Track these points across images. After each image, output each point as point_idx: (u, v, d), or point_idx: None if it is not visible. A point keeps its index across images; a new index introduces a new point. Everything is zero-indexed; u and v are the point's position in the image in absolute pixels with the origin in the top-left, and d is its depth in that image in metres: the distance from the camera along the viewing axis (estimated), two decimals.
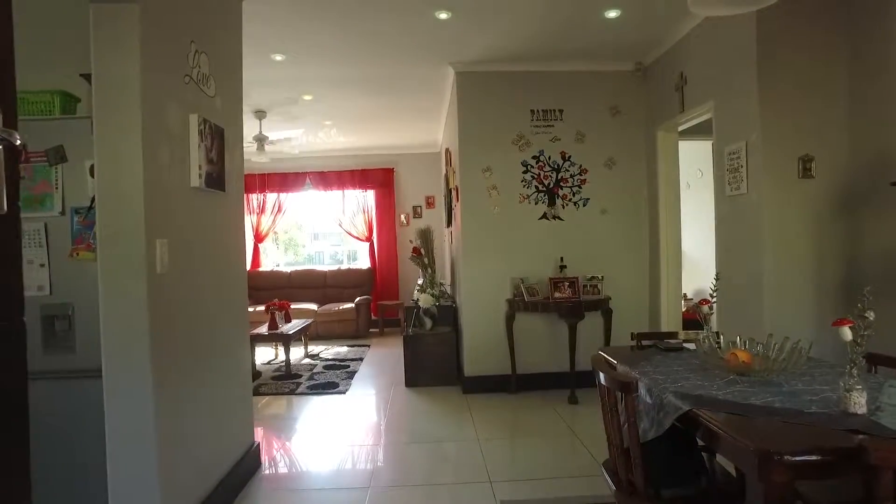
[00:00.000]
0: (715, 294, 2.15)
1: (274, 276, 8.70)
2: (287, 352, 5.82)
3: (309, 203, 9.28)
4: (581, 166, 4.96)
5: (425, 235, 5.97)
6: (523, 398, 4.73)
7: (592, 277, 4.77)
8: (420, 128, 7.34)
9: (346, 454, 3.66)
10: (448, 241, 7.04)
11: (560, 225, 4.94)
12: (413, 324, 5.45)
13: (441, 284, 6.62)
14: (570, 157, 4.96)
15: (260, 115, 6.04)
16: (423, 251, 5.93)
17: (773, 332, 3.30)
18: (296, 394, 5.09)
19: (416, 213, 9.00)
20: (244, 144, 6.62)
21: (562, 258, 4.84)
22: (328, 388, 5.23)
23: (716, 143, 3.73)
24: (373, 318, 8.53)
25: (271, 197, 8.92)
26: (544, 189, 4.94)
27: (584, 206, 4.97)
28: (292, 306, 7.80)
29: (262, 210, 8.89)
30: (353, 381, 5.46)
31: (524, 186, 4.93)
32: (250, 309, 7.79)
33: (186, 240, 2.44)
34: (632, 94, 4.97)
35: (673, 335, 2.57)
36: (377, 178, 8.85)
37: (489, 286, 4.90)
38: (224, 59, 2.95)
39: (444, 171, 7.06)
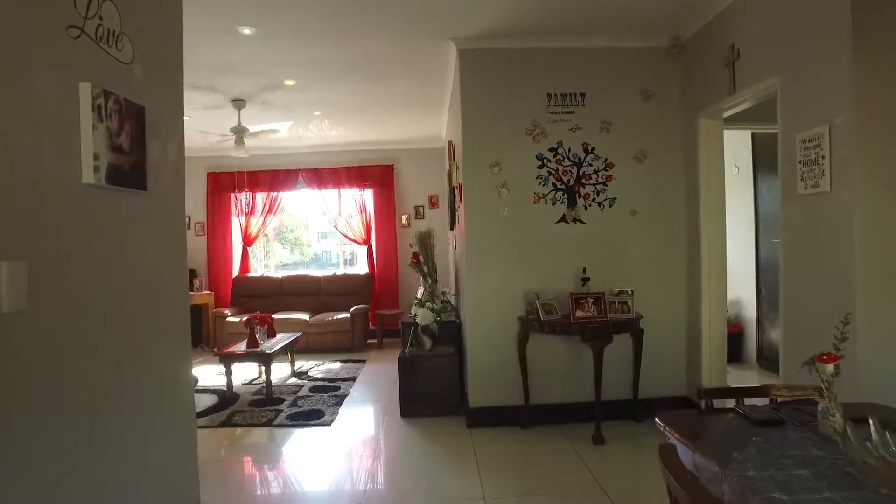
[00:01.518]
0: (843, 346, 1.41)
1: (263, 282, 8.01)
2: (267, 373, 5.11)
3: (309, 202, 8.60)
4: (606, 160, 4.22)
5: (424, 239, 5.25)
6: (538, 435, 3.98)
7: (620, 292, 4.03)
8: (422, 119, 6.61)
9: None
10: (452, 246, 6.32)
11: (582, 229, 4.20)
12: (410, 342, 4.73)
13: (444, 294, 5.91)
14: (593, 149, 4.21)
15: (238, 104, 5.34)
16: (421, 258, 5.21)
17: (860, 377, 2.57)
18: (273, 425, 4.38)
19: (419, 213, 8.28)
20: (219, 137, 5.93)
21: (584, 269, 4.10)
22: (312, 417, 4.51)
23: (783, 130, 2.97)
24: (371, 327, 7.82)
25: (262, 196, 8.23)
26: (563, 187, 4.20)
27: (611, 206, 4.22)
28: (283, 316, 7.16)
29: (251, 211, 8.18)
30: (341, 409, 4.74)
31: (539, 184, 4.19)
32: (234, 319, 7.15)
33: (70, 259, 1.73)
34: (667, 74, 4.21)
35: (757, 392, 1.83)
36: (376, 175, 8.14)
37: (498, 302, 4.16)
38: (149, 16, 2.23)
39: (447, 168, 6.33)
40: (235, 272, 8.19)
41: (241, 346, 5.34)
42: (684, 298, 4.26)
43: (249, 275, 8.16)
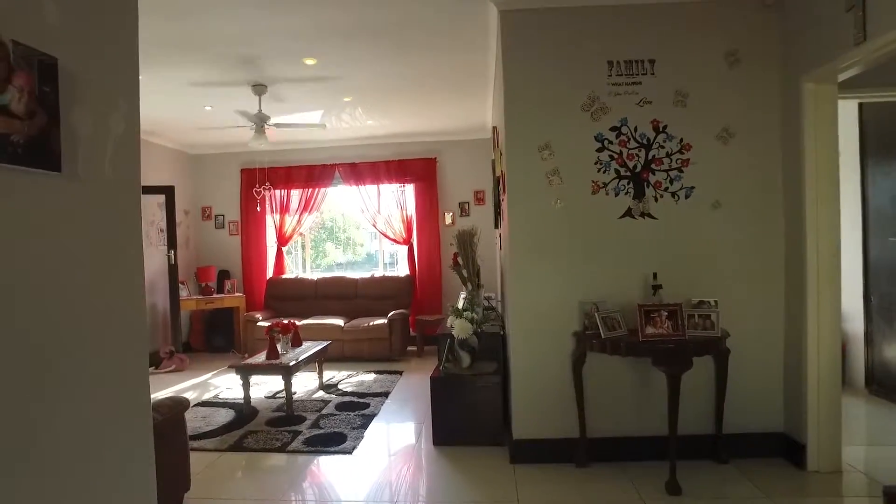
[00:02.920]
0: None
1: (298, 284, 7.56)
2: (288, 387, 4.58)
3: (348, 199, 8.11)
4: (682, 141, 3.43)
5: (465, 239, 4.59)
6: (596, 477, 3.25)
7: (701, 303, 3.24)
8: (465, 105, 5.96)
9: None
10: (497, 246, 5.63)
11: (652, 225, 3.44)
12: (445, 358, 4.09)
13: (489, 300, 5.23)
14: (665, 127, 3.44)
15: (259, 89, 4.84)
16: (461, 259, 4.56)
17: None
18: (287, 450, 3.83)
19: (464, 210, 7.64)
20: (251, 132, 5.46)
21: (655, 275, 3.33)
22: (332, 442, 3.94)
23: None
24: (411, 334, 7.22)
25: (297, 193, 7.79)
26: (628, 174, 3.45)
27: (687, 197, 3.43)
28: (316, 321, 6.69)
29: (285, 208, 7.75)
30: (367, 432, 4.14)
31: (599, 171, 3.45)
32: (265, 323, 6.67)
33: None
34: (759, 31, 3.39)
35: None
36: (417, 169, 7.54)
37: (549, 313, 3.45)
38: None
39: (492, 158, 5.65)
40: (270, 273, 7.79)
41: (260, 358, 4.84)
42: (782, 310, 3.42)
43: (284, 276, 7.74)
